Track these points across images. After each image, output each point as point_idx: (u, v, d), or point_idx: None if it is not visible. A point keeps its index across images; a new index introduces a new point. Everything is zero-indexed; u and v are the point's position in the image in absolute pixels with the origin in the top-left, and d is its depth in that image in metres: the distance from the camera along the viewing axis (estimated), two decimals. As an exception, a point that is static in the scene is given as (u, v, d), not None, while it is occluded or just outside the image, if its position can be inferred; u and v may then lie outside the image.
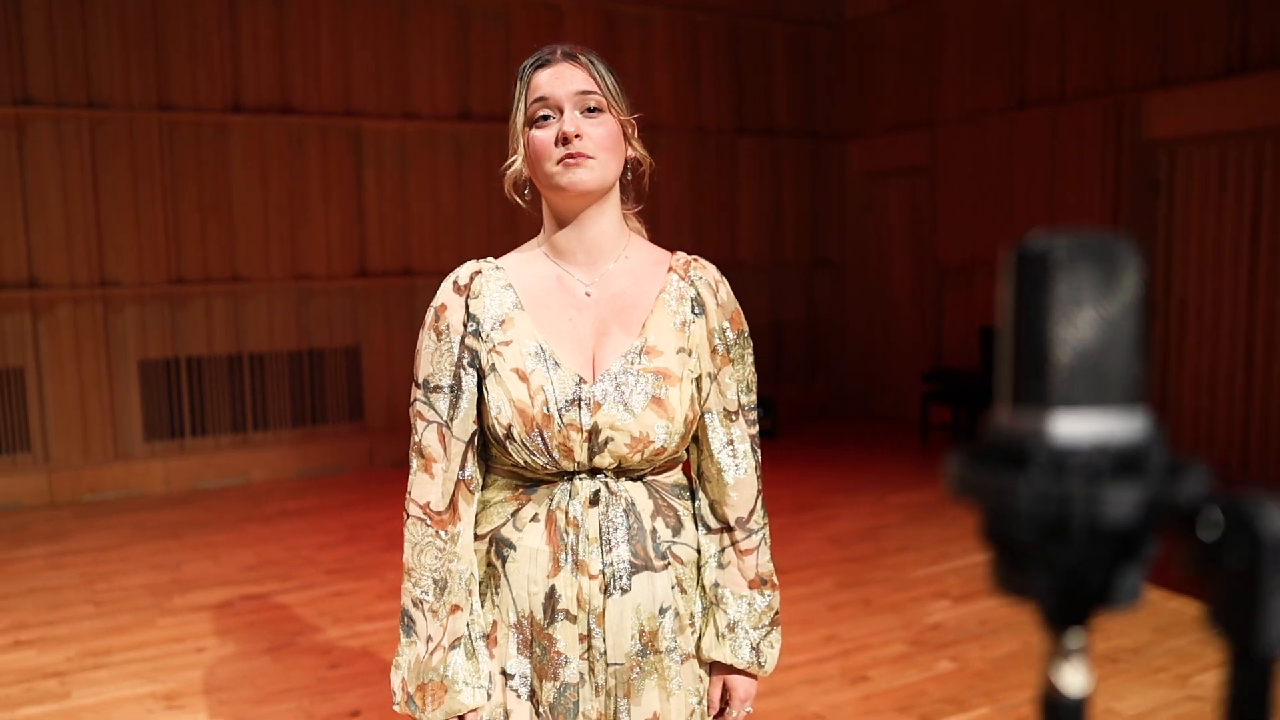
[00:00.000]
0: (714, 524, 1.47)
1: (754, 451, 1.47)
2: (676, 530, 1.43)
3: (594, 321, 1.40)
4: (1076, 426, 0.39)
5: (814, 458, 7.08)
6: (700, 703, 1.48)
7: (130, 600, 4.31)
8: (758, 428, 1.48)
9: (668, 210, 7.94)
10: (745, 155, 8.34)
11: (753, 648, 1.45)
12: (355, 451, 6.87)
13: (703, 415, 1.44)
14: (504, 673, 1.42)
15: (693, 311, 1.42)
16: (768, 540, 1.49)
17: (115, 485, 6.25)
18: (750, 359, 1.47)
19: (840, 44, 8.67)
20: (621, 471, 1.39)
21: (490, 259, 1.46)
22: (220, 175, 6.44)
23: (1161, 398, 6.56)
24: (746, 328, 1.48)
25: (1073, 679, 0.42)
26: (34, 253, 6.02)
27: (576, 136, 1.33)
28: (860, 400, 8.82)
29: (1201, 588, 0.36)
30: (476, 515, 1.44)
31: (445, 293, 1.42)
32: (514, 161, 1.42)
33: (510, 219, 6.64)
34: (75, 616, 4.12)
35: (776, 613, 1.49)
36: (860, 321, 8.81)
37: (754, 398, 1.48)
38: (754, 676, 1.48)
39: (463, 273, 1.43)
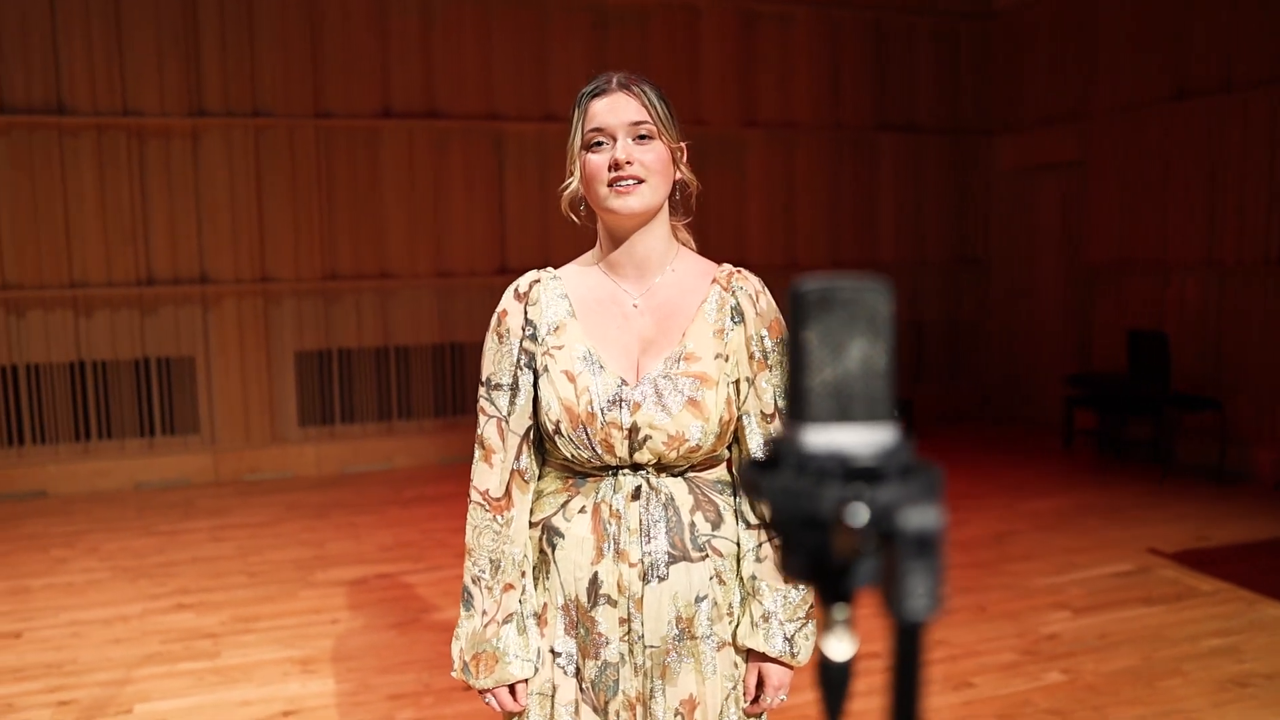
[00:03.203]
0: (753, 520, 1.55)
1: None
2: (716, 524, 1.52)
3: (640, 330, 1.52)
4: (820, 438, 0.47)
5: (949, 462, 6.94)
6: (735, 688, 1.56)
7: (278, 573, 4.67)
8: None
9: (805, 208, 7.92)
10: (886, 152, 8.22)
11: (786, 639, 1.53)
12: (493, 441, 7.15)
13: (741, 417, 1.53)
14: (553, 651, 1.54)
15: (732, 320, 1.52)
16: None
17: (272, 467, 6.74)
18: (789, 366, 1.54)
19: (988, 36, 8.43)
20: (662, 468, 1.49)
21: (550, 269, 1.59)
22: (371, 177, 6.84)
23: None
24: (786, 335, 1.54)
25: (837, 646, 0.51)
26: (205, 251, 6.55)
27: (627, 163, 1.44)
28: (1002, 403, 8.57)
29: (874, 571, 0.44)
30: (532, 505, 1.57)
31: (507, 299, 1.56)
32: (571, 183, 1.54)
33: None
34: (230, 585, 4.50)
35: (811, 606, 1.56)
36: (1004, 322, 8.55)
37: None
38: (789, 666, 1.55)
39: (523, 282, 1.56)
